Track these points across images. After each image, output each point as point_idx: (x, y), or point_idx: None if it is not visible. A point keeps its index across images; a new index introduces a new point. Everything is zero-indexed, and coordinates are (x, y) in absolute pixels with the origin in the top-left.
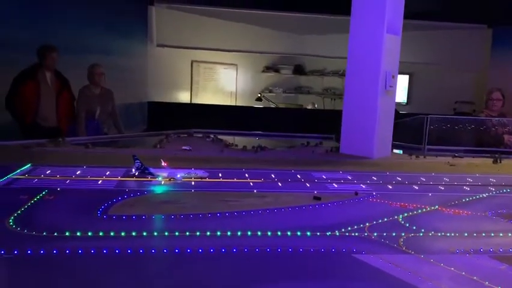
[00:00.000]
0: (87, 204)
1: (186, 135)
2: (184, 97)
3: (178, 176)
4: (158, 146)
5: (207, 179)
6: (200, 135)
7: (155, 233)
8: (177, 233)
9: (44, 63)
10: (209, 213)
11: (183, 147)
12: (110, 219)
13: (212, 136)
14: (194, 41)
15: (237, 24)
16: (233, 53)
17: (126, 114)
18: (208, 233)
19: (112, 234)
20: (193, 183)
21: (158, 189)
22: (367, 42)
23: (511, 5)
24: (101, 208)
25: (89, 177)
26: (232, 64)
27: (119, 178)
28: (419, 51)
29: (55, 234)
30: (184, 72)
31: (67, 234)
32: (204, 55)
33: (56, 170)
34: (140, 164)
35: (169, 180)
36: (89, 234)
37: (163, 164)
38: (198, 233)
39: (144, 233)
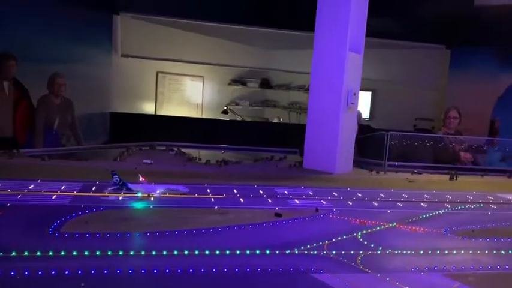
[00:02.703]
0: (38, 221)
1: (148, 147)
2: (149, 108)
3: (158, 191)
4: (118, 159)
5: (168, 195)
6: (163, 148)
7: (109, 252)
8: (132, 252)
9: (1, 71)
10: (167, 231)
11: (144, 161)
12: (61, 237)
13: (175, 149)
14: (160, 52)
15: (204, 37)
16: (200, 65)
17: (87, 125)
18: (164, 253)
19: (63, 253)
20: (152, 199)
21: (137, 205)
22: (329, 60)
23: (468, 28)
24: (53, 225)
25: (42, 192)
26: (198, 76)
27: (75, 193)
28: (382, 69)
29: (0, 254)
30: (149, 83)
31: (13, 254)
32: (170, 66)
33: (7, 183)
34: (119, 179)
35: (148, 196)
36: (38, 254)
37: (141, 179)
38: (154, 253)
39: (98, 252)
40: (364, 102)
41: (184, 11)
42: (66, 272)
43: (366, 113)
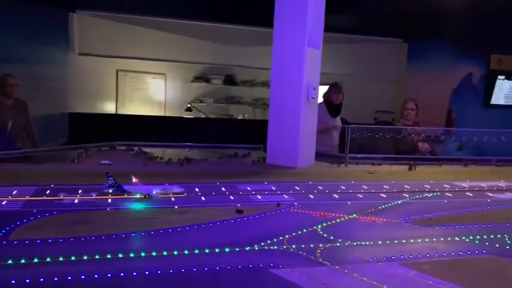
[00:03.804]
0: None
1: (107, 148)
2: (109, 108)
3: (154, 192)
4: (76, 160)
5: (126, 196)
6: (124, 148)
7: (60, 259)
8: (85, 257)
9: None
10: (123, 234)
11: (103, 162)
12: (10, 244)
13: (136, 149)
14: (120, 49)
15: (165, 34)
16: (161, 62)
17: (44, 126)
18: (120, 255)
19: (10, 262)
20: (109, 200)
21: (136, 207)
22: (289, 56)
23: (423, 22)
24: (1, 232)
25: None
26: (160, 74)
27: (27, 198)
28: (343, 64)
29: None
30: (109, 82)
31: None
32: (130, 64)
33: None
34: (113, 181)
35: (145, 197)
36: None
37: (134, 180)
38: (109, 256)
39: (48, 259)
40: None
41: (144, 8)
42: (13, 282)
43: None
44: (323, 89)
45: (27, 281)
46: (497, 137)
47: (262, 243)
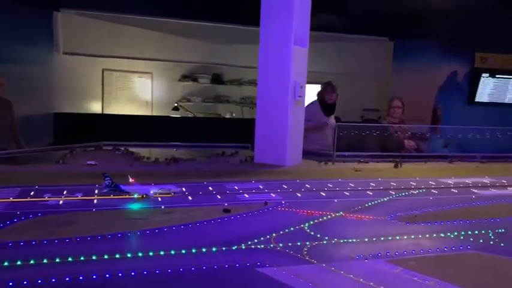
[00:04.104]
0: None
1: (93, 148)
2: (95, 107)
3: (151, 192)
4: (61, 161)
5: (112, 196)
6: (110, 148)
7: (45, 260)
8: (70, 259)
9: None
10: (109, 234)
11: (88, 162)
12: None
13: (123, 149)
14: (105, 48)
15: (151, 32)
16: (148, 61)
17: (29, 127)
18: (106, 256)
19: None
20: (95, 201)
21: (133, 206)
22: (276, 54)
23: (409, 21)
24: None
25: None
26: (147, 73)
27: (11, 199)
28: (331, 62)
29: None
30: (95, 81)
31: None
32: (116, 63)
33: None
34: (110, 181)
35: (142, 197)
36: None
37: (130, 180)
38: (94, 257)
39: (32, 261)
40: (314, 95)
41: (129, 6)
42: None
43: None
44: (310, 88)
45: (11, 283)
46: (482, 134)
47: (249, 242)
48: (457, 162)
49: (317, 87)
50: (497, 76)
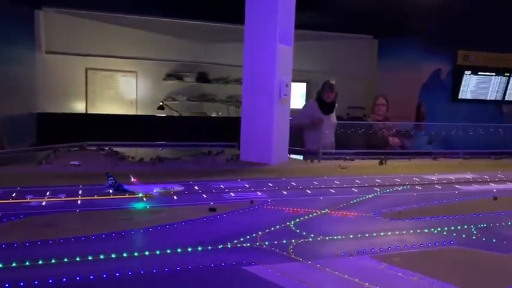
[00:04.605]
0: None
1: (77, 148)
2: (79, 107)
3: (155, 191)
4: (44, 162)
5: (96, 197)
6: (94, 148)
7: (27, 263)
8: (53, 260)
9: None
10: (93, 235)
11: (72, 163)
12: None
13: (107, 149)
14: (88, 47)
15: (135, 31)
16: (132, 60)
17: (11, 127)
18: (90, 258)
19: None
20: (79, 202)
21: (138, 206)
22: (261, 53)
23: (392, 19)
24: None
25: None
26: (131, 71)
27: None
28: (315, 60)
29: None
30: (78, 81)
31: None
32: (100, 62)
33: None
34: (114, 181)
35: (146, 196)
36: None
37: (132, 180)
38: (78, 259)
39: (14, 264)
40: (299, 94)
41: (112, 5)
42: None
43: (302, 104)
44: (296, 86)
45: None
46: (465, 131)
47: (235, 241)
48: (441, 159)
49: (302, 86)
50: (479, 73)
